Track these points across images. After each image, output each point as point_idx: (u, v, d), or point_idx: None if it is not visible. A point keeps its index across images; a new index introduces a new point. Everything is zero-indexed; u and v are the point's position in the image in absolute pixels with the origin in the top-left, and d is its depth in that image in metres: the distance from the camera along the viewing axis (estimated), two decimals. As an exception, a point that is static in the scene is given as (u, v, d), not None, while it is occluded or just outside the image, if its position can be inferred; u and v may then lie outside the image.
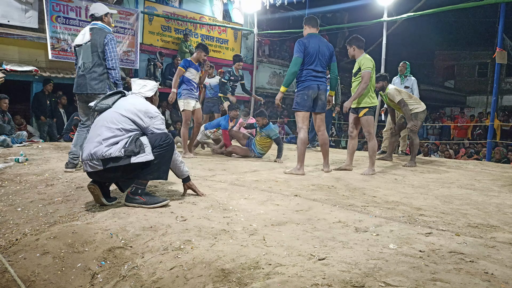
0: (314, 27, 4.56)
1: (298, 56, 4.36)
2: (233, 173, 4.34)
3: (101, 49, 4.17)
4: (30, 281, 2.05)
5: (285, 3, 10.44)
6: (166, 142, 2.78)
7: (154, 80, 3.15)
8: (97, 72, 4.17)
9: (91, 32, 4.20)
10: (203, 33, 12.82)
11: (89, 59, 4.17)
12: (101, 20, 4.31)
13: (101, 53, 4.17)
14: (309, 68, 4.40)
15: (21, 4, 8.78)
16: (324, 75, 4.56)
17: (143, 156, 2.67)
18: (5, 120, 6.82)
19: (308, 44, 4.38)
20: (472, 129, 13.59)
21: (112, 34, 4.25)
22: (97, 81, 4.17)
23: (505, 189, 4.06)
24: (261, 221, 2.50)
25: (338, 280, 1.66)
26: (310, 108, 4.50)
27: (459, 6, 7.61)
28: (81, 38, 4.26)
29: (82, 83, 4.21)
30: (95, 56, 4.16)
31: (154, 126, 2.83)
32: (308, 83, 4.42)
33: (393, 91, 5.63)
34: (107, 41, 4.16)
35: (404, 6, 9.06)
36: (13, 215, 2.82)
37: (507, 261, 1.93)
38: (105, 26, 4.29)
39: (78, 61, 4.31)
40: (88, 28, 4.27)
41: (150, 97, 3.03)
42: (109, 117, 2.76)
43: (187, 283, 1.76)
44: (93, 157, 2.65)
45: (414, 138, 5.68)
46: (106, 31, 4.23)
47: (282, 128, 13.01)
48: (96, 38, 4.16)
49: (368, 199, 3.28)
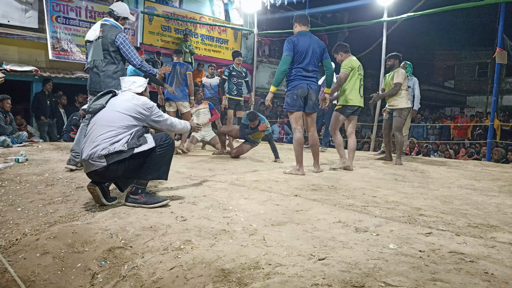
0: (305, 25, 4.46)
1: (287, 54, 4.31)
2: (233, 173, 4.34)
3: (113, 48, 4.12)
4: (30, 281, 2.05)
5: (285, 3, 10.44)
6: (166, 142, 2.81)
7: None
8: (110, 70, 4.15)
9: (102, 29, 4.14)
10: (203, 33, 12.83)
11: (100, 57, 4.13)
12: (116, 20, 4.25)
13: (113, 52, 4.13)
14: (299, 67, 4.32)
15: (21, 4, 8.78)
16: (315, 74, 4.47)
17: (146, 145, 2.72)
18: (7, 121, 6.81)
19: (297, 42, 4.30)
20: (472, 129, 13.59)
21: (123, 33, 4.20)
22: (111, 79, 4.15)
23: (505, 189, 4.06)
24: (261, 221, 2.50)
25: (338, 280, 1.66)
26: (300, 108, 4.40)
27: (459, 6, 7.61)
28: (92, 34, 4.21)
29: (96, 81, 4.20)
30: (106, 54, 4.12)
31: (153, 116, 2.91)
32: (297, 82, 4.34)
33: (402, 73, 5.72)
34: (120, 42, 4.11)
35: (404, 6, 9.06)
36: (13, 215, 2.82)
37: (507, 261, 1.93)
38: (118, 24, 4.23)
39: (88, 57, 4.27)
40: (100, 23, 4.20)
41: (140, 93, 3.04)
42: (107, 116, 2.78)
43: (187, 283, 1.76)
44: (95, 155, 2.65)
45: (398, 136, 5.71)
46: (118, 29, 4.17)
47: (282, 128, 13.00)
48: (107, 35, 4.10)
49: (368, 199, 3.27)
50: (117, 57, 4.19)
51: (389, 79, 5.84)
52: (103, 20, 4.23)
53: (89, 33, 4.26)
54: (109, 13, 4.28)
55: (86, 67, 4.40)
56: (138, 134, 2.77)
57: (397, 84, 5.63)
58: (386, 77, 6.00)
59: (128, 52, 4.15)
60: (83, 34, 9.32)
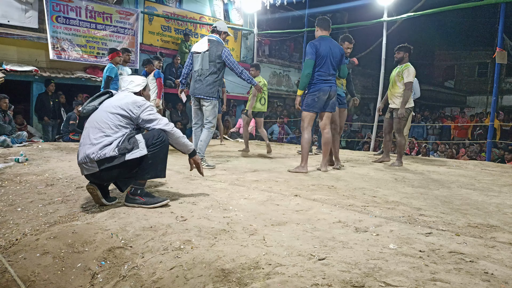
0: (326, 30, 4.67)
1: (310, 58, 4.47)
2: (233, 173, 4.34)
3: (218, 60, 4.75)
4: (30, 281, 2.05)
5: (285, 3, 10.45)
6: (159, 140, 2.74)
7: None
8: (212, 79, 4.75)
9: (209, 44, 4.80)
10: (203, 33, 12.80)
11: (206, 67, 4.75)
12: (219, 35, 4.94)
13: (217, 63, 4.75)
14: (321, 71, 4.49)
15: (21, 4, 8.77)
16: (335, 78, 4.65)
17: (137, 152, 2.64)
18: (6, 120, 6.82)
19: (319, 47, 4.47)
20: (472, 129, 13.58)
21: (227, 48, 4.86)
22: (211, 86, 4.75)
23: (505, 189, 4.06)
24: (261, 221, 2.50)
25: (338, 280, 1.66)
26: (319, 109, 4.61)
27: (459, 6, 7.61)
28: (200, 47, 4.87)
29: (198, 87, 4.79)
30: (211, 65, 4.74)
31: (144, 114, 2.77)
32: (319, 86, 4.51)
33: (413, 70, 5.39)
34: (225, 56, 4.78)
35: (404, 6, 9.05)
36: (13, 215, 2.82)
37: (507, 261, 1.93)
38: (221, 40, 4.91)
39: (194, 66, 4.90)
40: (207, 39, 4.88)
41: (138, 92, 3.00)
42: (98, 117, 2.75)
43: (187, 283, 1.76)
44: (88, 160, 2.64)
45: (399, 138, 5.59)
46: (222, 45, 4.83)
47: (282, 128, 12.99)
48: (214, 49, 4.76)
49: (368, 199, 3.27)
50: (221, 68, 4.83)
51: (396, 74, 5.51)
52: (209, 36, 4.92)
53: (197, 46, 5.00)
54: (212, 31, 5.00)
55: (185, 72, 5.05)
56: (129, 136, 2.71)
57: (408, 83, 5.31)
58: (393, 71, 5.66)
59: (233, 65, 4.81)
60: (83, 34, 9.33)
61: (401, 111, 5.39)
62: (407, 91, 5.34)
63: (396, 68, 5.61)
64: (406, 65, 5.45)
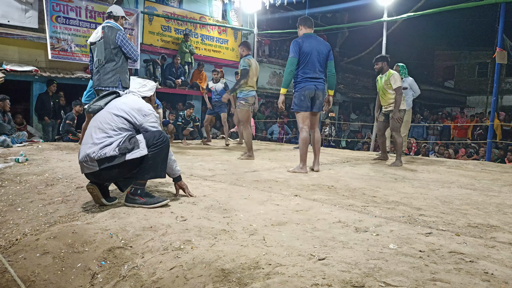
0: (310, 28, 4.57)
1: (293, 56, 4.40)
2: (233, 173, 4.34)
3: (113, 46, 4.45)
4: (30, 281, 2.05)
5: (285, 3, 10.43)
6: (160, 140, 2.74)
7: (153, 80, 3.15)
8: (109, 67, 4.46)
9: (103, 30, 4.49)
10: (203, 33, 12.82)
11: (102, 55, 4.46)
12: (116, 20, 4.65)
13: (113, 49, 4.46)
14: (305, 69, 4.41)
15: (21, 4, 8.77)
16: (322, 75, 4.56)
17: (138, 152, 2.65)
18: (5, 120, 6.82)
19: (302, 44, 4.38)
20: (472, 129, 13.59)
21: (122, 31, 4.55)
22: (109, 75, 4.45)
23: (505, 189, 4.06)
24: (261, 221, 2.50)
25: (338, 280, 1.66)
26: (308, 108, 4.53)
27: (459, 6, 7.61)
28: (95, 36, 4.58)
29: (97, 79, 4.53)
30: (107, 52, 4.46)
31: (147, 123, 2.78)
32: (304, 84, 4.44)
33: (398, 75, 5.61)
34: (120, 40, 4.48)
35: (404, 6, 9.08)
36: (13, 215, 2.82)
37: (507, 261, 1.93)
38: (117, 25, 4.59)
39: (93, 58, 4.60)
40: (101, 26, 4.57)
41: (148, 97, 3.02)
42: (102, 117, 2.75)
43: (187, 283, 1.76)
44: (88, 159, 2.64)
45: (396, 137, 5.68)
46: (117, 29, 4.52)
47: (282, 128, 12.99)
48: (108, 35, 4.46)
49: (368, 199, 3.27)
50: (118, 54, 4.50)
51: (384, 83, 5.71)
52: (105, 23, 4.60)
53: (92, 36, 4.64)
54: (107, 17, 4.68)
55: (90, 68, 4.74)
56: (130, 136, 2.71)
57: (398, 88, 5.54)
58: (378, 80, 5.87)
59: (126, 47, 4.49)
60: (83, 34, 9.32)
61: (396, 115, 5.58)
62: (399, 95, 5.56)
63: (382, 77, 5.80)
64: (389, 72, 5.67)
